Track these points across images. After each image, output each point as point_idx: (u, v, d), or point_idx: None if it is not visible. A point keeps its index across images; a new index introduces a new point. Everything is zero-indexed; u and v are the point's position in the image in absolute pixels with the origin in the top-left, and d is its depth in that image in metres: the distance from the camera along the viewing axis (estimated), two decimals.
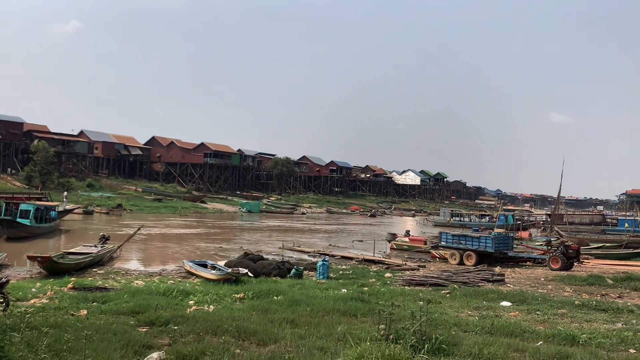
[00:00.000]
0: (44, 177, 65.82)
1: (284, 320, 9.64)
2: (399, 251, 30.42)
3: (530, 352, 7.74)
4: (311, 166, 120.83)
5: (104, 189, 73.76)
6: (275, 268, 18.54)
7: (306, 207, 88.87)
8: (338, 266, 22.78)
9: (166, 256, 25.81)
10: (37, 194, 46.05)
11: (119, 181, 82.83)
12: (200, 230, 41.63)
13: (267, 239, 36.15)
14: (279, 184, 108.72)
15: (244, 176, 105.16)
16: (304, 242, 34.03)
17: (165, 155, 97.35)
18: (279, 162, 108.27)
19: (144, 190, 78.30)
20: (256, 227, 49.60)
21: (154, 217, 53.36)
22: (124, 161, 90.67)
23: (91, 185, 73.14)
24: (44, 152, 67.28)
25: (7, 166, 72.10)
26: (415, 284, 16.74)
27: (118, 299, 11.74)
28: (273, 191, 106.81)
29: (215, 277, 16.02)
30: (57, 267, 17.34)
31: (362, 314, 10.49)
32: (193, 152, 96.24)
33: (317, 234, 43.43)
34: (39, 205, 33.32)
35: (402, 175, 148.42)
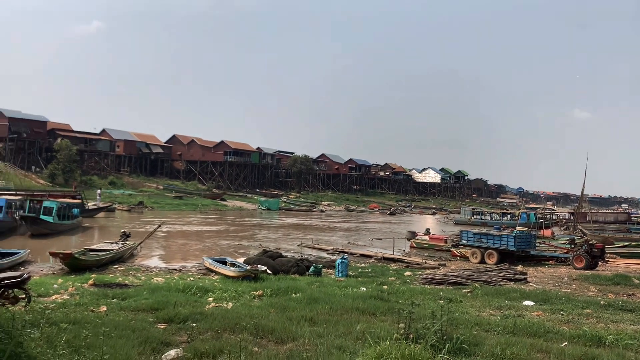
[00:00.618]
0: (66, 175, 66.94)
1: (302, 318, 9.57)
2: (419, 249, 30.18)
3: (554, 353, 7.55)
4: (330, 164, 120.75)
5: (126, 186, 74.70)
6: (294, 265, 18.51)
7: (325, 205, 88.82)
8: (357, 264, 22.67)
9: (186, 253, 25.98)
10: (72, 192, 47.24)
11: (141, 179, 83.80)
12: (220, 227, 41.86)
13: (286, 237, 36.18)
14: (297, 181, 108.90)
15: (263, 174, 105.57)
16: (323, 240, 33.96)
17: (185, 153, 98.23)
18: (298, 160, 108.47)
19: (165, 187, 79.10)
20: (275, 224, 49.70)
21: (175, 214, 53.85)
22: (145, 159, 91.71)
23: (113, 183, 74.10)
24: (67, 150, 68.41)
25: (31, 164, 73.47)
26: (435, 283, 16.57)
27: (137, 295, 11.80)
28: (292, 189, 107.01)
29: (234, 274, 16.04)
30: (78, 264, 17.55)
31: (382, 313, 10.37)
32: (213, 150, 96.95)
33: (336, 232, 43.33)
34: (61, 202, 33.85)
35: (422, 173, 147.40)
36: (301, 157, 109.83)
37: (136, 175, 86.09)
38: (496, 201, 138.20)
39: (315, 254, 26.36)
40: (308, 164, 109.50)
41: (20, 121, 74.00)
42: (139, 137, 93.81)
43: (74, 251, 18.49)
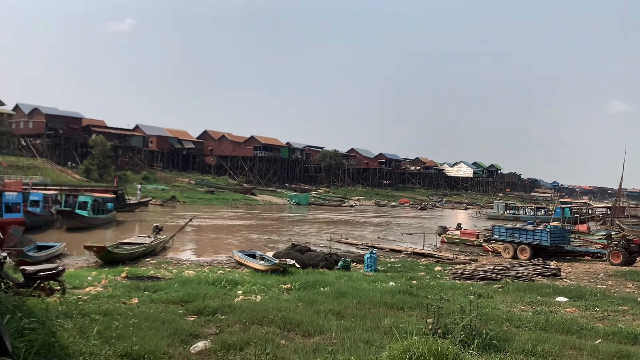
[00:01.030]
0: (101, 170, 68.59)
1: (329, 311, 9.57)
2: (449, 244, 29.89)
3: (588, 350, 7.36)
4: (359, 159, 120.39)
5: (159, 181, 76.08)
6: (322, 260, 18.54)
7: (354, 200, 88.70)
8: (386, 259, 22.57)
9: (217, 247, 26.31)
10: (114, 187, 48.81)
11: (173, 174, 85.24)
12: (251, 221, 42.25)
13: (315, 231, 36.26)
14: (327, 176, 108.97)
15: (292, 169, 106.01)
16: (352, 235, 33.92)
17: (216, 148, 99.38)
18: (327, 155, 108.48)
19: (196, 182, 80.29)
20: (305, 219, 49.88)
21: (206, 208, 54.61)
22: (178, 154, 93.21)
23: (146, 178, 75.58)
24: (102, 146, 70.05)
25: (67, 160, 75.54)
26: (466, 278, 16.38)
27: (168, 288, 11.99)
28: (321, 184, 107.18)
29: (264, 268, 16.16)
30: (111, 257, 17.97)
31: (410, 308, 10.29)
32: (243, 145, 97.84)
33: (365, 227, 43.23)
34: (96, 197, 34.70)
35: (453, 167, 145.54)
36: (330, 152, 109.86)
37: (169, 170, 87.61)
38: (530, 196, 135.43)
39: (344, 248, 26.34)
40: (337, 158, 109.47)
41: (56, 118, 76.14)
42: (171, 132, 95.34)
43: (108, 245, 18.94)
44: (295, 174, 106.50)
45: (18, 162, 64.18)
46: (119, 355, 6.07)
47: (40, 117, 75.24)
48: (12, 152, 70.74)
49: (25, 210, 26.15)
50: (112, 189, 47.77)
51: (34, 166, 64.34)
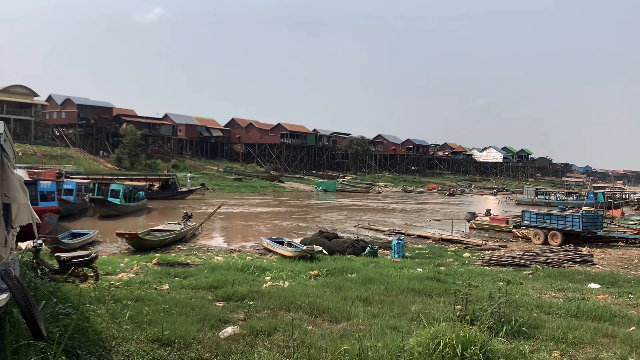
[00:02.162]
0: (132, 159, 69.78)
1: (357, 298, 9.61)
2: (478, 231, 29.58)
3: (621, 337, 7.20)
4: (386, 145, 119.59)
5: (188, 169, 77.06)
6: (349, 246, 18.56)
7: (382, 186, 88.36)
8: (414, 245, 22.48)
9: (246, 233, 26.60)
10: (165, 176, 50.53)
11: (202, 162, 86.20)
12: (278, 208, 42.54)
13: (342, 218, 36.31)
14: (354, 163, 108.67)
15: (319, 156, 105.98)
16: (380, 221, 33.85)
17: (244, 136, 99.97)
18: (354, 141, 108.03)
19: (225, 170, 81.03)
20: (332, 206, 49.96)
21: (235, 196, 55.17)
22: (206, 142, 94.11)
23: (176, 166, 76.61)
24: (132, 135, 71.19)
25: (99, 149, 77.08)
26: (495, 264, 16.21)
27: (198, 274, 12.19)
28: (348, 170, 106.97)
29: (291, 254, 16.28)
30: (143, 244, 18.33)
31: (438, 294, 10.25)
32: (270, 133, 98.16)
33: (392, 213, 43.08)
34: (127, 185, 35.38)
35: (482, 153, 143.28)
36: (357, 138, 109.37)
37: (197, 158, 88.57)
38: (561, 181, 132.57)
39: (371, 235, 26.33)
40: (364, 144, 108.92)
41: (88, 108, 77.68)
42: (199, 121, 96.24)
43: (139, 232, 19.31)
44: (322, 160, 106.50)
45: (52, 152, 65.84)
46: (150, 340, 6.20)
47: (73, 108, 76.88)
48: (46, 142, 72.50)
49: (59, 198, 26.82)
50: (163, 178, 50.00)
51: (67, 155, 65.93)
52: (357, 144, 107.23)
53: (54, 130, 77.90)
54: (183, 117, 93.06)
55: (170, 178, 49.56)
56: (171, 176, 50.19)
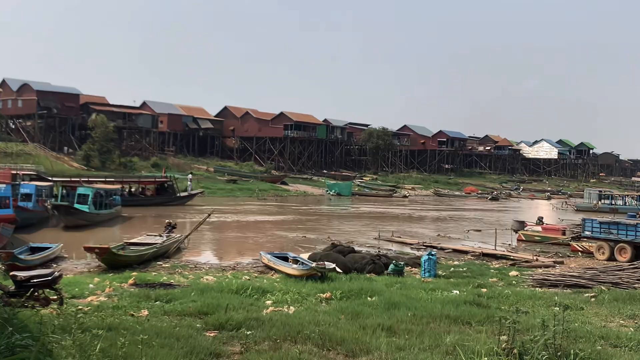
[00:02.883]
0: (103, 157, 70.27)
1: (378, 326, 9.60)
2: (528, 243, 29.51)
3: None
4: (414, 138, 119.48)
5: (171, 169, 77.40)
6: (369, 263, 18.55)
7: (408, 189, 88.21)
8: (448, 262, 22.44)
9: (241, 247, 26.67)
10: (162, 178, 51.25)
11: (188, 160, 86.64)
12: (281, 216, 42.62)
13: (359, 228, 36.31)
14: (374, 160, 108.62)
15: (331, 152, 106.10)
16: (406, 232, 33.80)
17: (239, 128, 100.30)
18: (374, 134, 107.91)
19: (216, 170, 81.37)
20: (347, 213, 49.95)
21: (228, 201, 55.37)
22: (193, 136, 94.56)
23: (156, 165, 76.91)
24: (103, 127, 71.63)
25: (63, 144, 77.58)
26: (549, 285, 16.20)
27: (184, 297, 12.26)
28: (367, 169, 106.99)
29: (297, 273, 16.30)
30: (116, 260, 18.44)
31: (478, 322, 10.24)
32: (271, 123, 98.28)
33: (422, 222, 42.99)
34: (99, 188, 35.62)
35: (533, 147, 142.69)
36: (378, 130, 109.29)
37: (183, 155, 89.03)
38: (631, 181, 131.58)
39: (396, 248, 26.32)
40: (387, 137, 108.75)
41: (49, 95, 78.20)
42: (184, 110, 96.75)
43: (112, 245, 19.43)
44: (335, 157, 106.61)
45: (6, 149, 66.41)
46: None
47: (31, 94, 77.44)
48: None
49: (15, 205, 27.00)
50: (160, 180, 51.16)
51: (24, 152, 66.48)
52: (378, 137, 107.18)
53: (8, 122, 78.66)
54: (165, 106, 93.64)
55: (168, 180, 50.17)
56: (169, 178, 50.78)
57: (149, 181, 51.06)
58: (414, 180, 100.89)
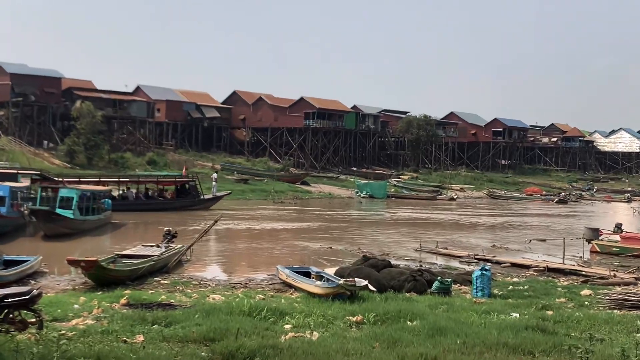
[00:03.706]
0: (90, 152, 70.88)
1: (420, 356, 9.60)
2: (604, 256, 29.15)
3: None
4: (463, 127, 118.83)
5: (170, 166, 77.76)
6: (409, 279, 18.47)
7: (456, 190, 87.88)
8: (506, 278, 22.30)
9: (254, 260, 26.79)
10: (183, 178, 52.68)
11: (190, 155, 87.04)
12: (301, 223, 42.67)
13: (396, 237, 36.23)
14: (414, 155, 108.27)
15: (362, 145, 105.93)
16: (454, 242, 33.67)
17: (251, 117, 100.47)
18: (414, 123, 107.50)
19: (223, 167, 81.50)
20: (381, 219, 49.93)
21: (238, 204, 55.55)
22: (196, 127, 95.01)
23: (153, 162, 77.47)
24: (90, 117, 72.21)
25: (42, 138, 78.25)
26: (629, 307, 15.99)
27: (187, 320, 12.32)
28: (406, 166, 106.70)
29: (322, 291, 16.28)
30: (106, 275, 18.55)
31: (543, 352, 10.18)
32: (289, 111, 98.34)
33: (473, 230, 42.78)
34: (84, 190, 35.89)
35: (609, 138, 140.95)
36: (419, 118, 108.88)
37: (184, 150, 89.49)
38: None
39: (441, 262, 26.23)
40: (429, 127, 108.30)
41: (26, 78, 78.91)
42: (186, 96, 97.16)
43: (101, 258, 19.55)
44: (367, 152, 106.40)
45: None
46: None
47: (4, 78, 78.13)
48: None
49: None
50: (181, 180, 52.21)
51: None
52: (419, 127, 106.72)
53: None
54: (162, 91, 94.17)
55: (190, 180, 50.87)
56: (191, 178, 51.41)
57: (168, 181, 51.63)
58: (463, 180, 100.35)
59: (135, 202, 46.81)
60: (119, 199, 45.67)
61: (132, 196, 47.92)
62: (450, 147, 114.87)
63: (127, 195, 47.82)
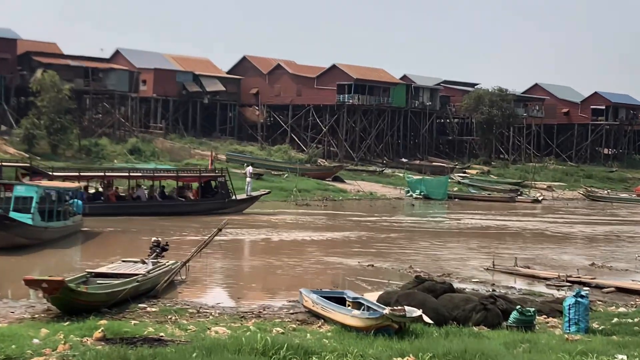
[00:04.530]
0: (54, 137, 71.23)
1: None
2: None
3: None
4: (551, 105, 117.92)
5: (159, 155, 78.00)
6: (477, 309, 18.38)
7: (542, 189, 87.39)
8: (609, 308, 22.09)
9: (270, 281, 26.89)
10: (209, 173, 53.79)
11: (186, 142, 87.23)
12: (333, 233, 42.74)
13: (461, 252, 36.22)
14: (485, 141, 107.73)
15: (415, 128, 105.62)
16: (539, 259, 33.56)
17: (266, 90, 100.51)
18: (485, 99, 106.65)
19: (229, 158, 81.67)
20: (440, 227, 49.91)
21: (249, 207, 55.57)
22: (194, 104, 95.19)
23: (137, 151, 77.75)
24: (54, 91, 72.56)
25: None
26: None
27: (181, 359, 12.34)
28: (473, 157, 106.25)
29: (361, 323, 16.26)
30: (75, 300, 18.59)
31: None
32: (318, 83, 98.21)
33: (564, 243, 42.51)
34: (47, 187, 35.96)
35: None
36: (492, 93, 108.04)
37: (177, 134, 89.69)
38: None
39: (521, 286, 26.14)
40: (507, 105, 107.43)
41: None
42: (180, 63, 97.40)
43: (69, 277, 19.67)
44: (421, 137, 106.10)
45: None
46: None
47: None
48: None
49: None
50: (207, 175, 52.77)
51: None
52: (492, 104, 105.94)
53: None
54: (149, 57, 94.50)
55: (219, 175, 51.42)
56: (220, 172, 51.45)
57: (191, 176, 51.99)
58: (550, 175, 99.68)
59: (149, 204, 47.53)
60: (129, 199, 46.71)
61: (144, 196, 48.42)
62: (534, 131, 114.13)
63: (139, 194, 48.38)
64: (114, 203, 46.61)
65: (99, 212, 42.51)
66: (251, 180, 59.61)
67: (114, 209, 45.30)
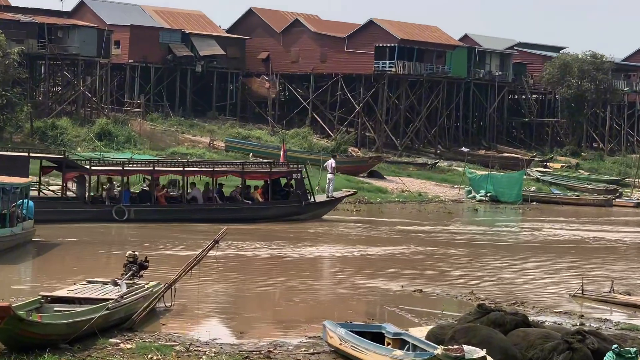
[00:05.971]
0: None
1: None
2: None
3: None
4: None
5: (137, 142, 78.23)
6: (560, 348, 18.42)
7: None
8: None
9: (284, 310, 26.97)
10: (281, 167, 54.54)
11: (173, 123, 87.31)
12: (369, 247, 42.83)
13: (538, 272, 36.29)
14: (572, 125, 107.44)
15: (479, 106, 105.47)
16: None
17: (279, 55, 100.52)
18: (574, 68, 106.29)
19: (229, 145, 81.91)
20: (510, 240, 49.92)
21: None
22: (183, 74, 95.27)
23: (107, 135, 77.81)
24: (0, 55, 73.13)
25: None
26: None
27: None
28: (558, 145, 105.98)
29: None
30: (26, 333, 18.78)
31: None
32: (349, 45, 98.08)
33: None
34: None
35: None
36: (582, 59, 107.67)
37: (161, 114, 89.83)
38: None
39: (619, 318, 26.10)
40: (602, 76, 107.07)
41: None
42: (165, 17, 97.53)
43: (17, 303, 19.87)
44: (487, 119, 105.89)
45: None
46: None
47: None
48: None
49: None
50: (278, 171, 53.06)
51: None
52: (583, 74, 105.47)
53: None
54: (124, 10, 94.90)
55: (294, 171, 51.90)
56: (295, 168, 51.56)
57: (258, 173, 52.64)
58: None
59: (208, 207, 48.29)
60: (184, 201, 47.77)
61: (200, 197, 49.11)
62: (638, 111, 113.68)
63: (195, 195, 49.03)
64: (164, 206, 47.45)
65: (148, 218, 43.54)
66: (333, 177, 59.64)
67: (165, 213, 46.49)
